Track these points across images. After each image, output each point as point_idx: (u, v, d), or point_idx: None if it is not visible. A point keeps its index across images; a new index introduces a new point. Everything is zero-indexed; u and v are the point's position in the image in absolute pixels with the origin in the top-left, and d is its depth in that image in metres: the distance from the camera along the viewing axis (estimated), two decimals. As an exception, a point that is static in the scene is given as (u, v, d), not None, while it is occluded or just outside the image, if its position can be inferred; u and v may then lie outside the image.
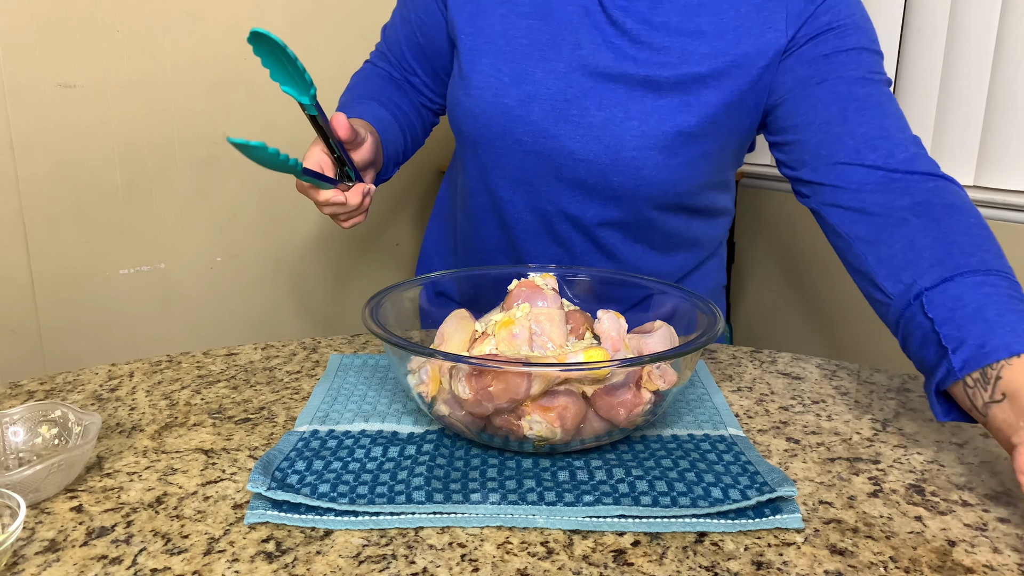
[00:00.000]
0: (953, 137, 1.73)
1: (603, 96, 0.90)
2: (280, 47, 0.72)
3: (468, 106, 0.95)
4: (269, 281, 1.60)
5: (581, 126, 0.91)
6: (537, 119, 0.92)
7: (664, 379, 0.67)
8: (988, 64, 1.65)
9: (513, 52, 0.92)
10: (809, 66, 0.86)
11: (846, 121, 0.82)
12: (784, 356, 0.96)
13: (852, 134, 0.82)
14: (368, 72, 1.08)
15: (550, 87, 0.91)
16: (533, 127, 0.92)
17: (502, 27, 0.93)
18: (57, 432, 0.70)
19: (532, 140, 0.93)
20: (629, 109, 0.89)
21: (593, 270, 0.88)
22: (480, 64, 0.93)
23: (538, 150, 0.93)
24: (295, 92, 0.76)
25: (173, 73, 1.41)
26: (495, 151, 0.96)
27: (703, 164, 0.92)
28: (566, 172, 0.93)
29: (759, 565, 0.56)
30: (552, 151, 0.93)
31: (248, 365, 0.92)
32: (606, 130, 0.90)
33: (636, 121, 0.89)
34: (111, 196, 1.39)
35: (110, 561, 0.56)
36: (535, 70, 0.91)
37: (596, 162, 0.91)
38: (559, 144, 0.92)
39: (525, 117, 0.92)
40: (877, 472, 0.69)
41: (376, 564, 0.56)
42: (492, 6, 0.94)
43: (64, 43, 1.31)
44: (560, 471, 0.66)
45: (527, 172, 0.96)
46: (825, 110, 0.84)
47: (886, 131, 0.82)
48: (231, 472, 0.68)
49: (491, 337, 0.69)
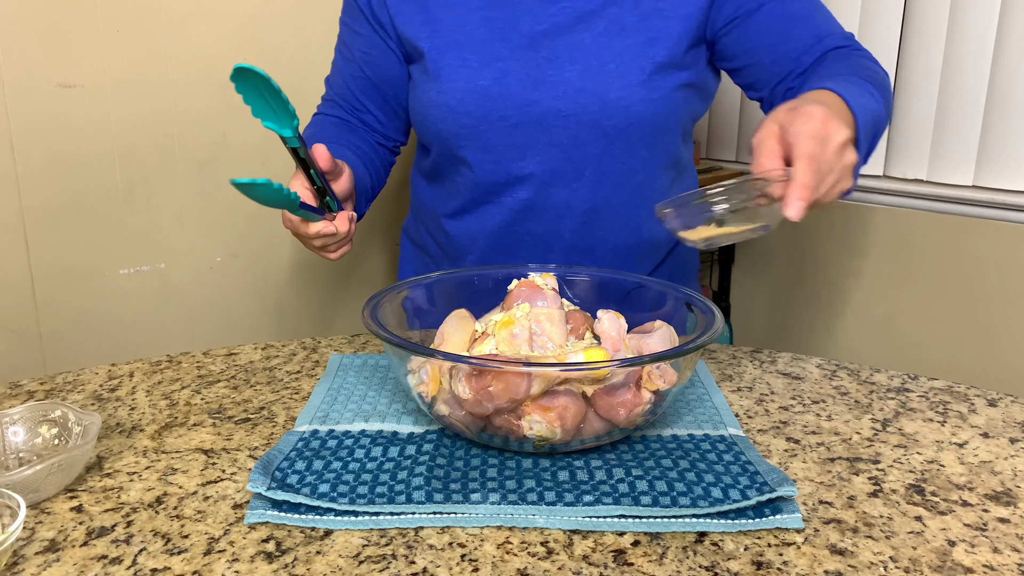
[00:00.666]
0: (953, 137, 1.73)
1: (573, 50, 0.94)
2: (264, 80, 0.72)
3: (443, 102, 0.96)
4: (269, 281, 1.60)
5: (560, 83, 0.93)
6: (515, 91, 0.94)
7: (664, 379, 0.67)
8: (988, 64, 1.65)
9: (475, 42, 0.96)
10: None
11: (788, 39, 0.94)
12: (784, 356, 0.96)
13: (794, 47, 0.93)
14: (320, 122, 1.08)
15: (520, 58, 0.94)
16: (514, 99, 0.94)
17: (458, 25, 0.97)
18: (57, 432, 0.70)
19: (516, 112, 0.95)
20: (601, 55, 0.93)
21: (593, 270, 0.88)
22: (446, 60, 0.96)
23: (525, 120, 0.95)
24: (276, 126, 0.75)
25: (173, 73, 1.41)
26: (480, 138, 0.97)
27: (677, 94, 0.97)
28: (557, 133, 0.95)
29: (759, 565, 0.56)
30: (539, 116, 0.95)
31: (248, 365, 0.92)
32: (587, 79, 0.93)
33: (612, 64, 0.93)
34: (111, 196, 1.39)
35: (110, 561, 0.56)
36: (500, 49, 0.95)
37: (584, 112, 0.94)
38: (544, 107, 0.94)
39: (504, 92, 0.94)
40: (877, 472, 0.69)
41: (376, 564, 0.56)
42: (442, 12, 0.98)
43: (64, 43, 1.31)
44: (560, 471, 0.66)
45: (517, 149, 0.97)
46: (769, 33, 0.94)
47: (819, 37, 0.94)
48: (231, 472, 0.68)
49: (491, 337, 0.69)
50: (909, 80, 1.79)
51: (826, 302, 2.03)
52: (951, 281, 1.78)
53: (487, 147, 0.98)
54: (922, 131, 1.78)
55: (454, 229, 1.06)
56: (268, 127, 0.76)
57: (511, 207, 1.01)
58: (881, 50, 1.82)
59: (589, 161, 0.97)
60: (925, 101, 1.76)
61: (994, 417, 0.80)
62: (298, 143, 0.78)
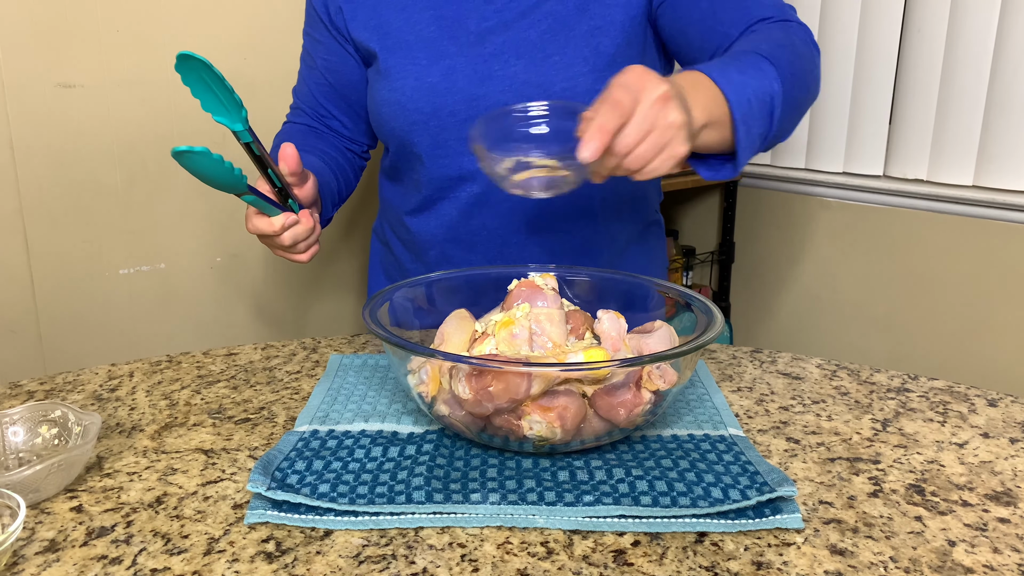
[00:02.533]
0: (953, 137, 1.73)
1: (519, 45, 0.94)
2: (208, 68, 0.71)
3: (395, 99, 0.98)
4: (269, 281, 1.60)
5: (506, 77, 0.94)
6: (463, 86, 0.96)
7: (664, 379, 0.67)
8: (988, 64, 1.65)
9: (424, 41, 0.98)
10: None
11: (715, 13, 0.91)
12: (784, 356, 0.96)
13: (722, 21, 0.91)
14: (288, 130, 1.09)
15: (467, 55, 0.96)
16: (462, 94, 0.96)
17: (408, 26, 0.99)
18: (57, 432, 0.70)
19: (464, 107, 0.96)
20: (545, 48, 0.94)
21: (593, 270, 0.88)
22: (396, 59, 0.98)
23: (473, 114, 0.96)
24: (227, 120, 0.74)
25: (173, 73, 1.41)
26: (431, 133, 0.98)
27: None
28: None
29: (759, 565, 0.56)
30: (486, 110, 0.95)
31: (248, 365, 0.92)
32: (532, 72, 0.94)
33: (557, 56, 0.93)
34: (111, 196, 1.39)
35: (110, 561, 0.56)
36: (448, 47, 0.97)
37: None
38: (491, 101, 0.95)
39: (452, 87, 0.96)
40: (877, 472, 0.69)
41: (376, 564, 0.56)
42: (392, 14, 1.00)
43: (64, 43, 1.31)
44: (560, 471, 0.66)
45: (465, 143, 0.98)
46: (697, 7, 0.92)
47: (746, 9, 0.91)
48: (231, 472, 0.68)
49: (491, 337, 0.69)
50: (909, 80, 1.79)
51: (826, 302, 2.03)
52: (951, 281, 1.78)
53: (438, 142, 0.99)
54: (922, 131, 1.78)
55: (415, 226, 1.07)
56: (219, 121, 0.74)
57: (465, 201, 1.01)
58: (881, 50, 1.82)
59: None
60: (925, 101, 1.76)
61: (994, 417, 0.80)
62: (250, 137, 0.77)
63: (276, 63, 1.46)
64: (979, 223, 1.71)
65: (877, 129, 1.87)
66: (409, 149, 1.01)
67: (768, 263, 2.15)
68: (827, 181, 1.97)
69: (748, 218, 2.18)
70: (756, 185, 2.14)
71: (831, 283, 2.01)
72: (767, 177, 2.11)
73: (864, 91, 1.86)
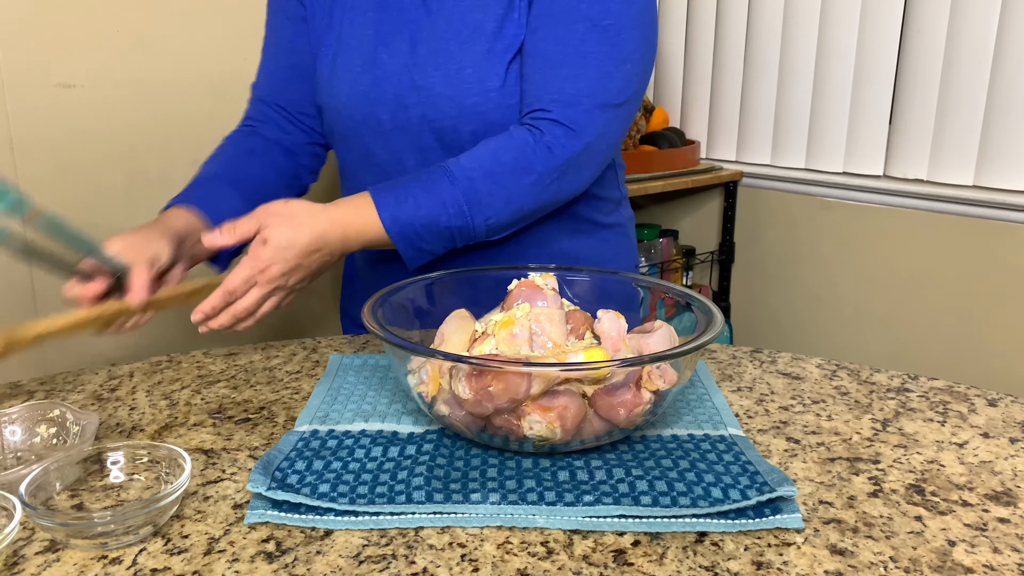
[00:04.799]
0: (953, 137, 1.73)
1: (439, 56, 0.96)
2: None
3: (331, 104, 1.01)
4: (269, 281, 1.60)
5: (425, 88, 0.96)
6: (389, 97, 0.98)
7: (664, 379, 0.67)
8: (988, 64, 1.65)
9: (362, 46, 0.99)
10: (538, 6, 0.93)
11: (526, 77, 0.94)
12: (784, 356, 0.96)
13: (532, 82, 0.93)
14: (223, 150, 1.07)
15: (396, 64, 0.97)
16: (388, 104, 0.98)
17: (350, 27, 1.01)
18: (56, 432, 0.70)
19: (390, 117, 0.98)
20: (462, 60, 0.95)
21: (593, 270, 0.88)
22: (336, 63, 1.01)
23: (397, 125, 0.98)
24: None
25: (173, 73, 1.41)
26: (361, 139, 1.00)
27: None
28: (423, 138, 0.98)
29: (759, 565, 0.56)
30: (407, 121, 0.98)
31: (248, 365, 0.92)
32: (447, 86, 0.95)
33: (471, 69, 0.95)
34: (111, 196, 1.39)
35: (110, 561, 0.56)
36: (381, 55, 0.98)
37: (445, 118, 0.96)
38: (413, 113, 0.97)
39: (380, 97, 0.98)
40: (877, 472, 0.69)
41: (376, 564, 0.56)
42: (341, 12, 1.01)
43: (64, 43, 1.31)
44: (560, 471, 0.66)
45: (394, 154, 1.00)
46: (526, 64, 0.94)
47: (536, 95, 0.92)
48: (231, 472, 0.68)
49: (491, 337, 0.69)
50: (909, 80, 1.79)
51: (826, 302, 2.03)
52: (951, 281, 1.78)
53: (368, 151, 1.01)
54: (922, 131, 1.78)
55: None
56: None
57: None
58: (881, 50, 1.82)
59: None
60: (925, 101, 1.76)
61: (994, 417, 0.80)
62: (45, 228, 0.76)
63: (276, 63, 1.46)
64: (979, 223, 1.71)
65: (877, 129, 1.87)
66: (345, 155, 1.04)
67: (768, 263, 2.15)
68: (827, 181, 1.97)
69: (748, 218, 2.18)
70: (756, 185, 2.14)
71: (831, 283, 2.01)
72: (767, 177, 2.11)
73: (864, 91, 1.86)
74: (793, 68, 1.98)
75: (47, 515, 0.56)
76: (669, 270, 2.20)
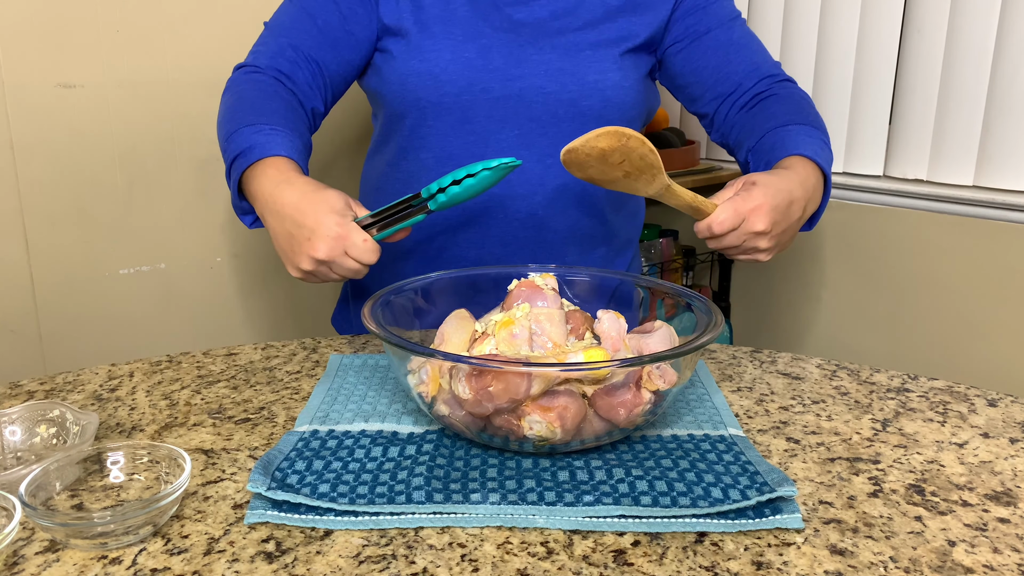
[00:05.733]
0: (953, 137, 1.72)
1: (551, 36, 1.01)
2: None
3: (426, 69, 0.98)
4: (269, 281, 1.60)
5: (541, 63, 0.99)
6: (499, 64, 0.99)
7: (664, 379, 0.67)
8: (988, 64, 1.65)
9: (459, 20, 1.00)
10: (693, 15, 1.05)
11: (729, 63, 1.05)
12: (784, 356, 0.96)
13: (736, 72, 1.05)
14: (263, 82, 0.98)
15: (502, 38, 0.99)
16: (497, 72, 0.99)
17: (441, 5, 1.00)
18: (55, 432, 0.70)
19: (500, 84, 0.99)
20: (579, 43, 1.01)
21: (593, 270, 0.88)
22: (431, 32, 0.99)
23: (506, 93, 0.99)
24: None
25: (173, 73, 1.41)
26: (461, 108, 0.99)
27: (644, 89, 1.07)
28: (535, 110, 1.00)
29: (759, 565, 0.56)
30: (520, 91, 0.99)
31: (248, 365, 0.92)
32: (567, 59, 1.00)
33: (589, 51, 1.01)
34: (111, 196, 1.39)
35: (110, 561, 0.56)
36: (483, 27, 1.00)
37: (563, 91, 1.00)
38: (526, 82, 0.99)
39: (487, 64, 0.99)
40: (877, 472, 0.69)
41: (376, 564, 0.56)
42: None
43: (64, 43, 1.30)
44: (560, 471, 0.66)
45: (496, 121, 1.00)
46: (714, 56, 1.05)
47: (756, 64, 1.05)
48: (231, 472, 0.68)
49: (491, 337, 0.69)
50: (909, 80, 1.79)
51: (826, 302, 2.03)
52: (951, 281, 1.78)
53: (466, 118, 1.00)
54: (922, 131, 1.78)
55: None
56: None
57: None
58: (881, 50, 1.82)
59: (564, 139, 0.99)
60: (925, 101, 1.76)
61: (994, 417, 0.80)
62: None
63: (276, 63, 1.46)
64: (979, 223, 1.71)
65: (877, 129, 1.87)
66: (429, 123, 1.01)
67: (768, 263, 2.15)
68: (827, 181, 1.96)
69: (748, 218, 2.18)
70: (756, 185, 2.14)
71: (831, 283, 2.01)
72: (767, 177, 2.11)
73: (864, 91, 1.86)
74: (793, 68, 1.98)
75: (47, 515, 0.56)
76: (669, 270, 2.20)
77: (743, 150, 1.02)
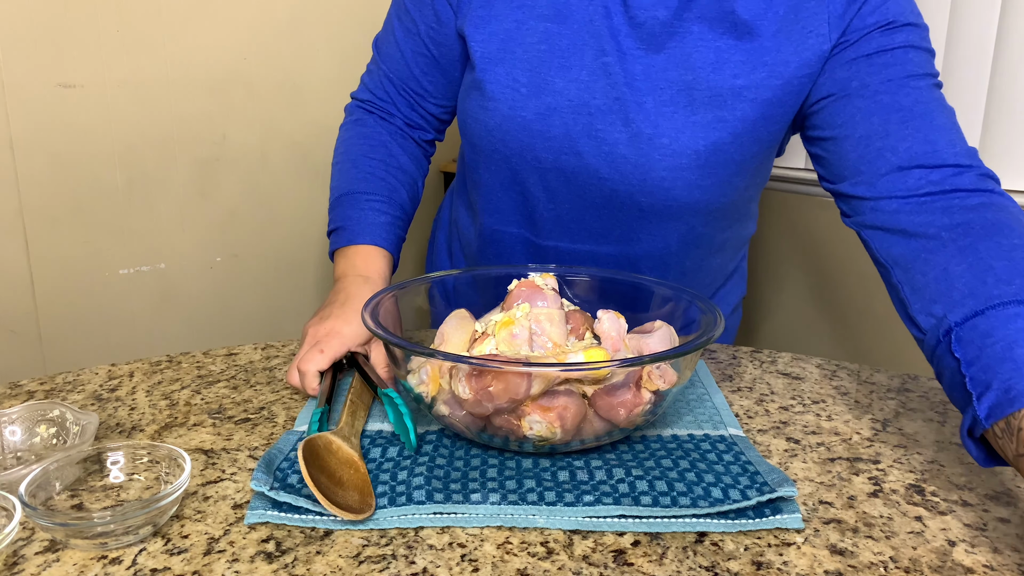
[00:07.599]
0: (953, 137, 1.72)
1: (630, 110, 0.83)
2: None
3: (483, 119, 0.88)
4: (269, 281, 1.60)
5: (606, 143, 0.84)
6: (558, 134, 0.85)
7: (664, 379, 0.67)
8: (988, 64, 1.65)
9: (530, 60, 0.84)
10: (849, 67, 0.79)
11: (888, 135, 0.76)
12: (784, 356, 0.96)
13: (894, 149, 0.75)
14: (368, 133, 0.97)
15: (571, 98, 0.84)
16: (554, 143, 0.85)
17: (517, 32, 0.85)
18: (55, 432, 0.70)
19: (553, 157, 0.86)
20: (659, 125, 0.83)
21: (593, 270, 0.88)
22: (495, 73, 0.85)
23: (559, 167, 0.87)
24: None
25: (173, 73, 1.41)
26: (512, 167, 0.90)
27: (737, 180, 0.87)
28: (589, 192, 0.88)
29: (759, 565, 0.56)
30: (575, 169, 0.86)
31: (248, 365, 0.92)
32: (633, 148, 0.84)
33: (667, 139, 0.83)
34: (111, 196, 1.39)
35: (110, 561, 0.56)
36: (555, 79, 0.84)
37: (623, 182, 0.86)
38: (582, 163, 0.86)
39: (545, 132, 0.85)
40: (877, 472, 0.69)
41: (376, 564, 0.56)
42: (506, 9, 0.86)
43: (64, 43, 1.30)
44: (560, 471, 0.66)
45: (547, 192, 0.90)
46: (866, 121, 0.77)
47: (932, 145, 0.74)
48: (231, 472, 0.68)
49: (491, 337, 0.69)
50: (909, 80, 1.78)
51: (826, 302, 2.03)
52: (951, 281, 1.77)
53: (516, 181, 0.91)
54: (922, 131, 1.78)
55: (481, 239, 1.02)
56: None
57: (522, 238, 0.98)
58: (881, 50, 1.82)
59: (618, 225, 0.91)
60: (925, 101, 1.76)
61: (994, 417, 0.80)
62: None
63: (276, 63, 1.46)
64: (979, 223, 1.70)
65: (877, 129, 1.87)
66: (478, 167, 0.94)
67: (768, 263, 2.15)
68: (827, 181, 1.96)
69: (748, 218, 2.18)
70: (756, 185, 2.14)
71: (831, 283, 2.01)
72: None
73: (864, 91, 1.86)
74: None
75: (47, 515, 0.56)
76: (669, 270, 2.20)
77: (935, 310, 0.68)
